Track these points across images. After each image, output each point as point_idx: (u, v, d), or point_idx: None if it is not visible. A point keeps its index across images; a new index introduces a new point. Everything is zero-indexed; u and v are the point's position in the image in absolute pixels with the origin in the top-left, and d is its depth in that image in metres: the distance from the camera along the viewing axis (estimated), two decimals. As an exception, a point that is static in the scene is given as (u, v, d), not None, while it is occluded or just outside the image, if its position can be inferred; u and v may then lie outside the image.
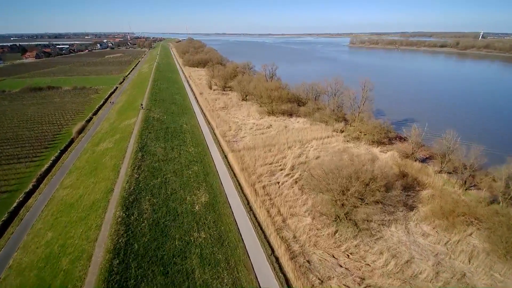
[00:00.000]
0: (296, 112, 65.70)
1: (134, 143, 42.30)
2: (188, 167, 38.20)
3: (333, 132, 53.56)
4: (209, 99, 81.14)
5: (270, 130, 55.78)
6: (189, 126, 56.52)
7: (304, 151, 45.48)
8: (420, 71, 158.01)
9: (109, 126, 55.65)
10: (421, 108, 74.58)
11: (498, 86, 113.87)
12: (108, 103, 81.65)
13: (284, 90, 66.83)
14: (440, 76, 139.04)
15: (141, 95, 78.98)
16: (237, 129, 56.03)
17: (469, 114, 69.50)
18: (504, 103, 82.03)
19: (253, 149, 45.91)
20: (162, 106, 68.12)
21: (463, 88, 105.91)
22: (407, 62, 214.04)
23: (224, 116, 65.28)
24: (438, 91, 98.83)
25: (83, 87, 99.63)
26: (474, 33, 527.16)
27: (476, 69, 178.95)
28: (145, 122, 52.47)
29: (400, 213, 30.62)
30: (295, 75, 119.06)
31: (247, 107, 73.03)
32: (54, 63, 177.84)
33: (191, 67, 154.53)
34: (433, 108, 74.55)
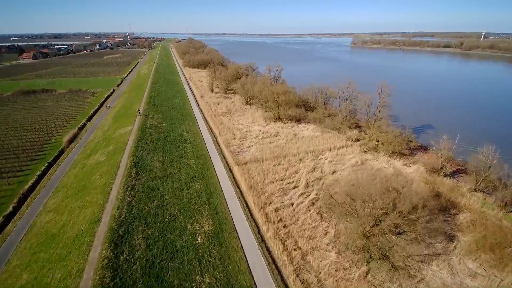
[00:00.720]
0: (305, 118, 61.11)
1: (128, 156, 37.76)
2: (189, 185, 33.65)
3: (347, 141, 48.96)
4: (210, 103, 76.57)
5: (278, 138, 51.21)
6: (190, 134, 51.97)
7: (318, 164, 40.89)
8: (429, 72, 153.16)
9: (102, 134, 51.15)
10: (436, 112, 69.98)
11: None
12: (104, 107, 77.16)
13: (292, 94, 62.23)
14: (453, 77, 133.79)
15: (138, 99, 74.46)
16: (242, 138, 51.48)
17: (500, 122, 63.96)
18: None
19: (260, 161, 41.36)
20: (161, 111, 63.58)
21: (483, 91, 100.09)
22: (413, 63, 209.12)
23: (227, 122, 60.74)
24: (452, 93, 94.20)
25: (79, 90, 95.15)
26: (476, 33, 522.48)
27: (492, 70, 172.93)
28: (142, 131, 47.93)
29: (438, 245, 26.03)
30: (297, 76, 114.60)
31: (251, 112, 68.45)
32: (51, 64, 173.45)
33: (191, 68, 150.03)
34: (448, 112, 69.98)
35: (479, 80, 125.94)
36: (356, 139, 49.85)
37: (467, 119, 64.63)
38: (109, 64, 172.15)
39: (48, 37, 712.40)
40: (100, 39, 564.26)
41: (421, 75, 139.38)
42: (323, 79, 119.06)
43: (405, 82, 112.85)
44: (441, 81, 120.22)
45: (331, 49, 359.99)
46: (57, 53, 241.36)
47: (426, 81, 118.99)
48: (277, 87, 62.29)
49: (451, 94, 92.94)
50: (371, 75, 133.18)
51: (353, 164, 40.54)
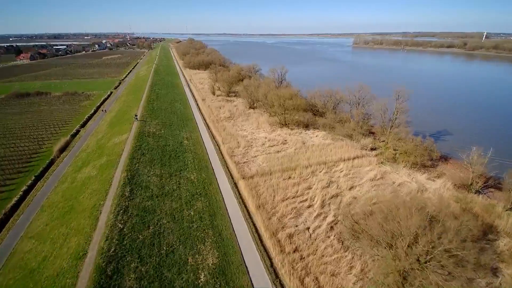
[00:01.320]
0: (313, 124, 57.22)
1: (122, 170, 33.92)
2: (189, 204, 29.81)
3: (361, 150, 45.08)
4: (212, 107, 72.74)
5: (286, 147, 47.33)
6: (190, 143, 48.13)
7: (332, 177, 37.03)
8: (439, 73, 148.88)
9: (96, 143, 47.32)
10: (452, 116, 66.09)
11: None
12: (100, 111, 73.34)
13: (299, 99, 58.32)
14: (467, 79, 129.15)
15: (136, 103, 70.66)
16: (246, 146, 47.60)
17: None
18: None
19: (268, 174, 37.50)
20: (160, 116, 59.75)
21: (506, 96, 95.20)
22: (420, 63, 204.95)
23: (230, 128, 56.90)
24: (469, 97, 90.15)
25: (75, 92, 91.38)
26: (478, 33, 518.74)
27: (507, 71, 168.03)
28: (138, 139, 44.08)
29: (481, 281, 22.18)
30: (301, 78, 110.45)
31: (255, 116, 64.61)
32: (49, 65, 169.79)
33: (191, 69, 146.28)
34: (464, 116, 66.10)
35: (497, 83, 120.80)
36: (371, 148, 45.97)
37: (488, 125, 60.74)
38: (108, 65, 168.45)
39: (48, 37, 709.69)
40: (100, 39, 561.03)
41: (431, 76, 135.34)
42: (328, 81, 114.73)
43: (416, 84, 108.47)
44: (454, 83, 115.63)
45: (333, 49, 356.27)
46: (56, 53, 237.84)
47: (438, 83, 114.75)
48: (284, 90, 58.43)
49: (468, 97, 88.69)
50: (378, 76, 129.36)
51: (371, 178, 36.66)
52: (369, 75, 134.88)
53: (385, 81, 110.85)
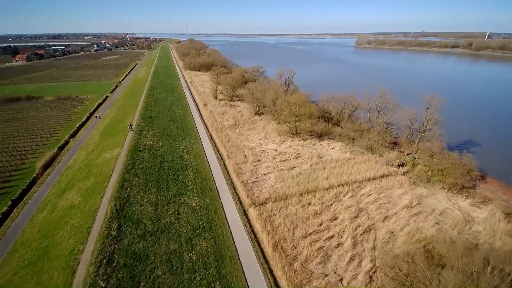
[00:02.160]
0: (328, 133, 51.54)
1: (110, 199, 28.25)
2: (191, 244, 24.17)
3: (387, 167, 39.39)
4: (215, 113, 67.12)
5: (300, 162, 41.63)
6: (191, 157, 42.47)
7: (359, 203, 31.35)
8: (451, 74, 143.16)
9: (84, 158, 41.67)
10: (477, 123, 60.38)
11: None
12: (93, 117, 67.77)
13: (313, 106, 52.66)
14: (488, 81, 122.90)
15: (133, 109, 65.02)
16: (255, 160, 41.93)
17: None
18: None
19: (283, 199, 31.86)
20: (158, 125, 54.11)
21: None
22: (427, 64, 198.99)
23: (235, 138, 51.27)
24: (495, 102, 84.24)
25: (68, 97, 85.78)
26: (480, 33, 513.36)
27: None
28: (132, 155, 38.41)
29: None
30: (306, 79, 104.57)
31: (262, 124, 58.97)
32: (45, 66, 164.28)
33: (192, 70, 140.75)
34: (495, 124, 60.36)
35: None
36: (399, 164, 40.26)
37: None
38: (105, 67, 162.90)
39: (47, 38, 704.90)
40: (100, 39, 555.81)
41: (446, 78, 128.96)
42: (335, 83, 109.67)
43: (431, 87, 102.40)
44: (474, 87, 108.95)
45: (335, 49, 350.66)
46: (53, 54, 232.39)
47: (457, 87, 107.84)
48: (295, 97, 52.69)
49: (493, 103, 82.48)
50: (388, 79, 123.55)
51: (407, 204, 30.95)
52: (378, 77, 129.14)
53: (398, 84, 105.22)
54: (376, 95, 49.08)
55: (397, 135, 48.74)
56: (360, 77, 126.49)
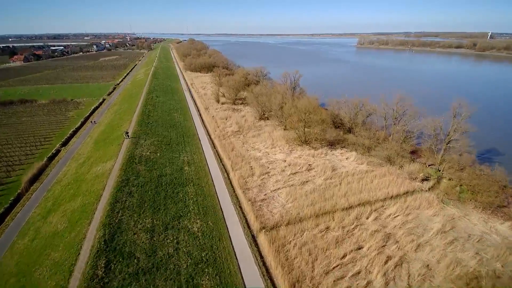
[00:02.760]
0: (340, 141, 47.59)
1: (99, 226, 24.37)
2: (192, 285, 20.26)
3: (410, 181, 35.42)
4: (217, 118, 63.22)
5: (313, 175, 37.69)
6: (192, 169, 38.57)
7: (385, 227, 27.39)
8: (466, 76, 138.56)
9: (75, 172, 37.81)
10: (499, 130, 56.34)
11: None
12: (88, 122, 63.98)
13: (325, 112, 48.72)
14: (501, 84, 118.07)
15: (130, 114, 61.16)
16: (262, 173, 38.00)
17: None
18: None
19: (297, 221, 27.97)
20: (156, 132, 50.22)
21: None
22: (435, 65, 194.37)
23: (240, 146, 47.36)
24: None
25: (63, 100, 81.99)
26: (482, 33, 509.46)
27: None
28: (127, 169, 34.52)
29: None
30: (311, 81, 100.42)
31: (268, 131, 55.04)
32: (42, 67, 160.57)
33: (193, 71, 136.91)
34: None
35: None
36: (423, 178, 36.28)
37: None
38: (104, 68, 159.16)
39: (47, 38, 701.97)
40: (100, 39, 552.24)
41: (459, 80, 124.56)
42: (342, 85, 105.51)
43: (445, 90, 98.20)
44: (490, 89, 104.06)
45: (337, 49, 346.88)
46: (51, 55, 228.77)
47: (472, 89, 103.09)
48: (304, 102, 48.69)
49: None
50: (397, 80, 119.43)
51: (439, 229, 26.98)
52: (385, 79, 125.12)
53: (410, 87, 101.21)
54: (393, 100, 45.05)
55: (417, 143, 44.75)
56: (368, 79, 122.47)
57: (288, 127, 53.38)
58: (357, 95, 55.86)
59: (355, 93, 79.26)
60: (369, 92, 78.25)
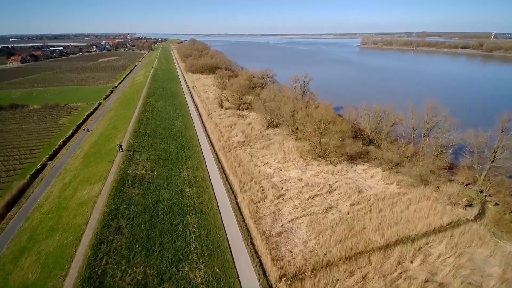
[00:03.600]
0: (362, 155, 42.10)
1: (77, 278, 19.03)
2: None
3: (452, 208, 29.94)
4: (221, 126, 57.90)
5: (336, 199, 32.24)
6: (194, 191, 33.22)
7: (435, 274, 21.91)
8: (484, 79, 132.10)
9: (58, 195, 32.53)
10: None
11: None
12: (81, 130, 58.81)
13: (345, 122, 43.21)
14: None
15: (126, 121, 55.91)
16: (276, 196, 32.62)
17: None
18: None
19: (325, 267, 22.60)
20: (153, 145, 44.91)
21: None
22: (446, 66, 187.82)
23: (247, 161, 41.96)
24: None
25: (56, 105, 76.85)
26: (485, 33, 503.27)
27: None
28: (117, 195, 29.18)
29: None
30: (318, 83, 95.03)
31: (278, 141, 49.66)
32: (39, 69, 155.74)
33: (194, 73, 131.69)
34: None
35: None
36: (466, 204, 30.77)
37: None
38: (102, 69, 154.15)
39: (48, 38, 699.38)
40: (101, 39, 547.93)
41: (479, 83, 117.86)
42: (351, 88, 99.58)
43: (476, 96, 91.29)
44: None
45: (340, 50, 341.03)
46: (49, 55, 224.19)
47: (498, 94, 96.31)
48: (320, 111, 43.19)
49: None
50: (410, 83, 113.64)
51: (499, 275, 21.51)
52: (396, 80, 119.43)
53: (423, 89, 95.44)
54: (424, 108, 39.52)
55: (452, 159, 39.16)
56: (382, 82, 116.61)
57: (301, 137, 48.09)
58: (375, 100, 50.57)
59: (370, 98, 73.83)
60: (386, 98, 72.95)
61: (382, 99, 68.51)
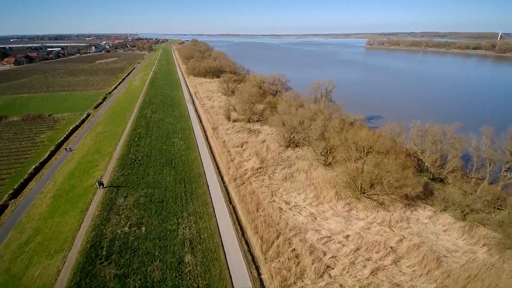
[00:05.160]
0: (422, 194, 31.55)
1: None
2: None
3: None
4: (230, 145, 47.75)
5: (410, 275, 21.84)
6: (198, 260, 23.01)
7: None
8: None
9: (5, 270, 22.33)
10: None
11: None
12: (62, 150, 48.86)
13: (403, 152, 32.67)
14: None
15: (114, 141, 45.88)
16: (319, 270, 22.31)
17: None
18: None
19: None
20: (145, 178, 34.72)
21: None
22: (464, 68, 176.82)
23: (268, 202, 31.69)
24: None
25: (39, 116, 66.87)
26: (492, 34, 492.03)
27: None
28: (82, 283, 18.93)
29: None
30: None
31: (303, 168, 39.40)
32: (31, 72, 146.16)
33: (196, 76, 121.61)
34: None
35: None
36: None
37: None
38: (99, 71, 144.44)
39: (49, 39, 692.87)
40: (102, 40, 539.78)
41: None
42: (378, 96, 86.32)
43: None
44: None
45: (346, 50, 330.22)
46: (45, 57, 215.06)
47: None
48: (365, 134, 32.58)
49: None
50: (443, 90, 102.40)
51: None
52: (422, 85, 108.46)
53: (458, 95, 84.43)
54: (506, 136, 29.08)
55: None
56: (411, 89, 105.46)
57: (332, 160, 37.92)
58: (407, 114, 40.36)
59: (401, 111, 63.28)
60: (422, 112, 62.37)
61: (416, 113, 58.64)
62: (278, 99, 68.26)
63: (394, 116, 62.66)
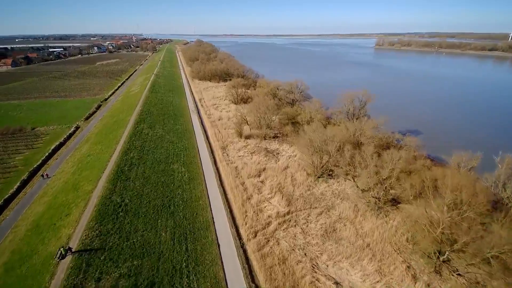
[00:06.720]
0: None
1: None
2: None
3: None
4: (244, 174, 37.78)
5: None
6: None
7: None
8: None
9: None
10: None
11: None
12: (38, 177, 39.33)
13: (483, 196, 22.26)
14: None
15: (98, 170, 36.18)
16: None
17: None
18: None
19: None
20: (130, 237, 24.86)
21: None
22: (497, 72, 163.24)
23: (305, 275, 21.59)
24: None
25: (19, 129, 57.51)
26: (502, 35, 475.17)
27: None
28: None
29: None
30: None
31: (347, 215, 29.33)
32: (26, 75, 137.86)
33: (201, 80, 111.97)
34: None
35: None
36: None
37: None
38: (98, 74, 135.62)
39: (54, 39, 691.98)
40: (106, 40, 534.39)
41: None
42: (411, 105, 74.33)
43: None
44: None
45: (355, 51, 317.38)
46: (45, 58, 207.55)
47: None
48: (456, 179, 22.27)
49: None
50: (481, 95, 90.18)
51: None
52: (471, 94, 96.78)
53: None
54: None
55: None
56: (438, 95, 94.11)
57: (384, 205, 27.63)
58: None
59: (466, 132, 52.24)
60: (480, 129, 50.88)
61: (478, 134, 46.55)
62: (297, 109, 58.14)
63: (443, 136, 51.90)
